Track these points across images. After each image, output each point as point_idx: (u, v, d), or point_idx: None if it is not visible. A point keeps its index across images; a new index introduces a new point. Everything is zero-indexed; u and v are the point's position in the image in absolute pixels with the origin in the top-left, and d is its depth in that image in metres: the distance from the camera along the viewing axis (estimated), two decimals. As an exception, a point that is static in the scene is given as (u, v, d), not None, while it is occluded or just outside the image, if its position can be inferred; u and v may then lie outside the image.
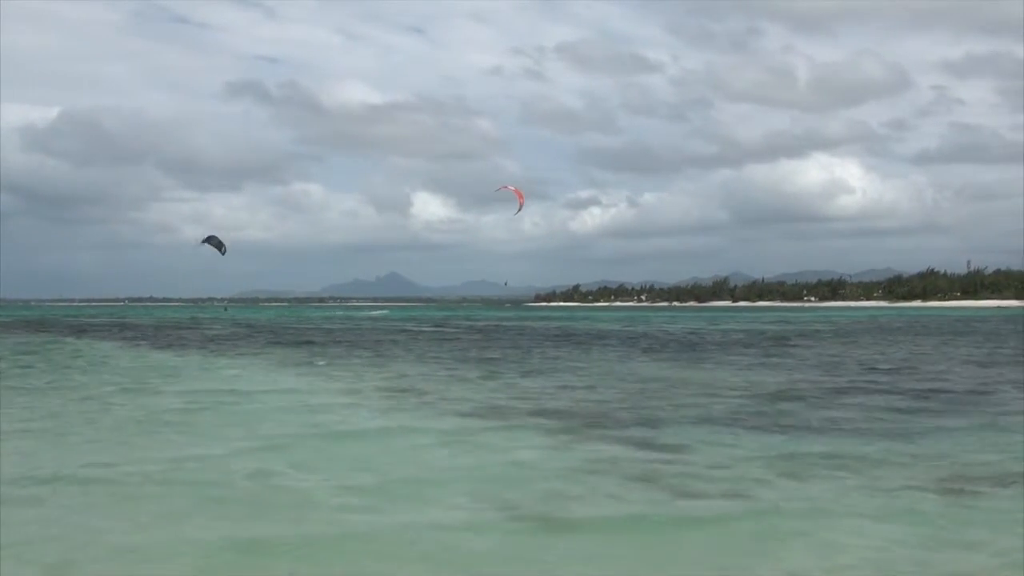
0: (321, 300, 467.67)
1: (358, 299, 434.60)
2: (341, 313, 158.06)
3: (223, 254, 38.62)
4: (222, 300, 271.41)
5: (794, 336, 61.87)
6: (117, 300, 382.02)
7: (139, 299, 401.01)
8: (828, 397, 23.13)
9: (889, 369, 32.26)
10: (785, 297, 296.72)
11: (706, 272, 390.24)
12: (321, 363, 34.46)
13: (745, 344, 51.26)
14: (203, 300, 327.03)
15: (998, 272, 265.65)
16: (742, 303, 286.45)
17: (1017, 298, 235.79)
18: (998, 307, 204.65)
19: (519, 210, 45.33)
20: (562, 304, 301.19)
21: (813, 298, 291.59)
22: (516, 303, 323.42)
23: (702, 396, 23.25)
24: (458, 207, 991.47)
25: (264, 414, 19.40)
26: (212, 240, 38.96)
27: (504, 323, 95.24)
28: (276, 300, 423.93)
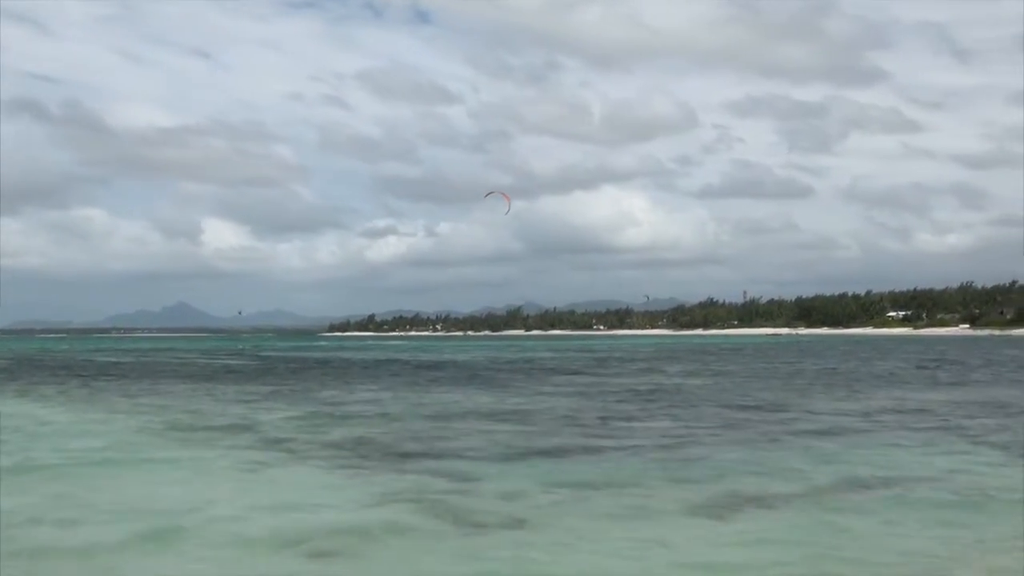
0: (104, 331, 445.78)
1: (143, 330, 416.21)
2: (125, 345, 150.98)
3: None
4: None
5: (584, 363, 63.78)
6: None
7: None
8: (615, 422, 23.77)
9: (669, 393, 33.58)
10: (576, 326, 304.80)
11: (500, 301, 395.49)
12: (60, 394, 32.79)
13: (535, 371, 52.32)
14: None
15: (771, 302, 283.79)
16: (535, 332, 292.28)
17: (788, 326, 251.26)
18: (772, 334, 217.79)
19: (508, 210, 51.16)
20: (357, 334, 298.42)
21: (602, 327, 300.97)
22: (310, 333, 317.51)
23: (489, 424, 23.45)
24: (252, 235, 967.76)
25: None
26: None
27: (294, 353, 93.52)
28: (54, 331, 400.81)
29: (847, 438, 20.37)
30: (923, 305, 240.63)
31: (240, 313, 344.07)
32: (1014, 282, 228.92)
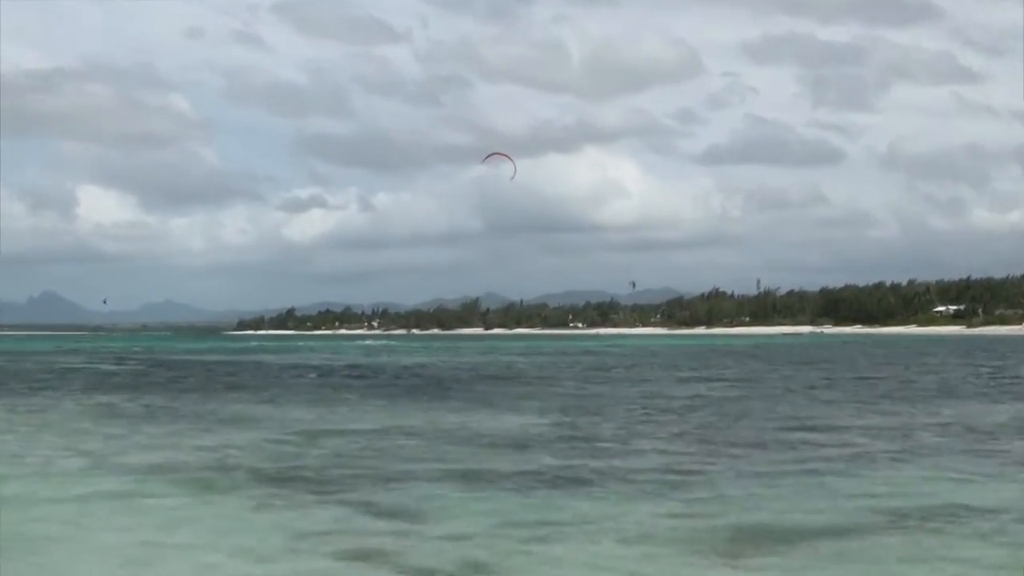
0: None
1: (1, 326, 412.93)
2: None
3: None
4: None
5: (557, 368, 63.91)
6: None
7: None
8: (584, 445, 23.90)
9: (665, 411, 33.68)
10: (548, 323, 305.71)
11: (453, 292, 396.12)
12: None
13: (494, 379, 52.50)
14: None
15: (791, 293, 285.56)
16: (496, 330, 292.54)
17: (812, 323, 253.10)
18: (792, 333, 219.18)
19: (514, 175, 54.52)
20: (273, 332, 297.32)
21: (580, 324, 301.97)
22: (214, 331, 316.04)
23: (439, 446, 23.68)
24: (140, 207, 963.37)
25: None
26: None
27: (196, 357, 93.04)
28: None
29: (887, 466, 20.53)
30: (978, 298, 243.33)
31: (105, 303, 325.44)
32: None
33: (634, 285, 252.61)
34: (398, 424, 29.03)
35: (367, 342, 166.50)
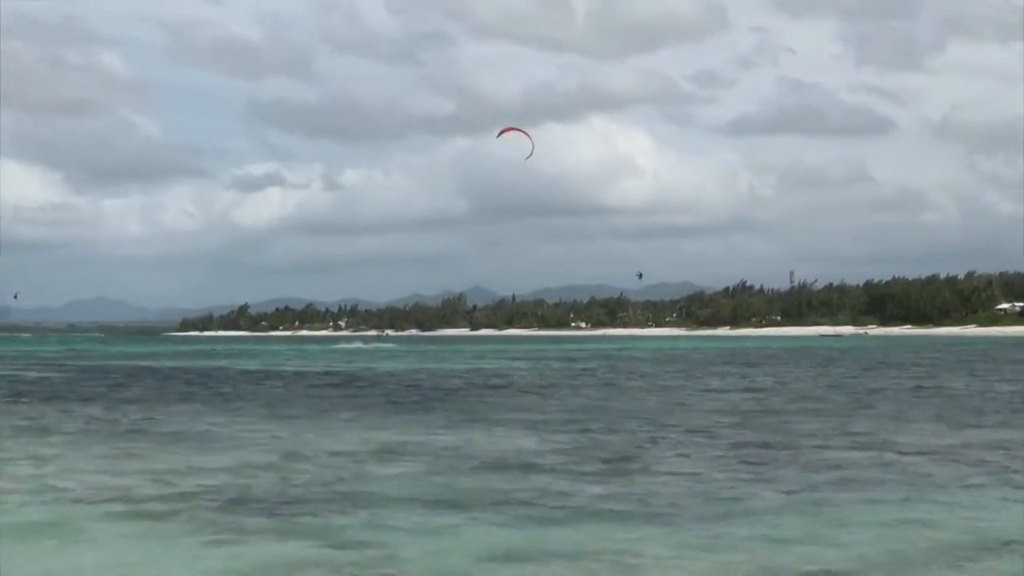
0: None
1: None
2: None
3: None
4: None
5: (558, 375, 64.01)
6: None
7: None
8: (596, 467, 23.95)
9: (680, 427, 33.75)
10: (546, 323, 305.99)
11: (434, 287, 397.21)
12: None
13: (486, 389, 52.75)
14: None
15: (830, 288, 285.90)
16: (485, 331, 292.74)
17: (854, 323, 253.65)
18: (831, 335, 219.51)
19: (531, 153, 55.74)
20: (223, 333, 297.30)
21: (584, 324, 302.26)
22: (154, 332, 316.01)
23: (422, 467, 23.89)
24: (66, 186, 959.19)
25: None
26: None
27: (135, 363, 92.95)
28: None
29: (955, 491, 20.52)
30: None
31: (16, 297, 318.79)
32: None
33: (641, 276, 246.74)
34: (375, 442, 29.11)
35: (340, 345, 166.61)
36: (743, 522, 17.30)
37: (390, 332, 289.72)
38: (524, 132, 54.62)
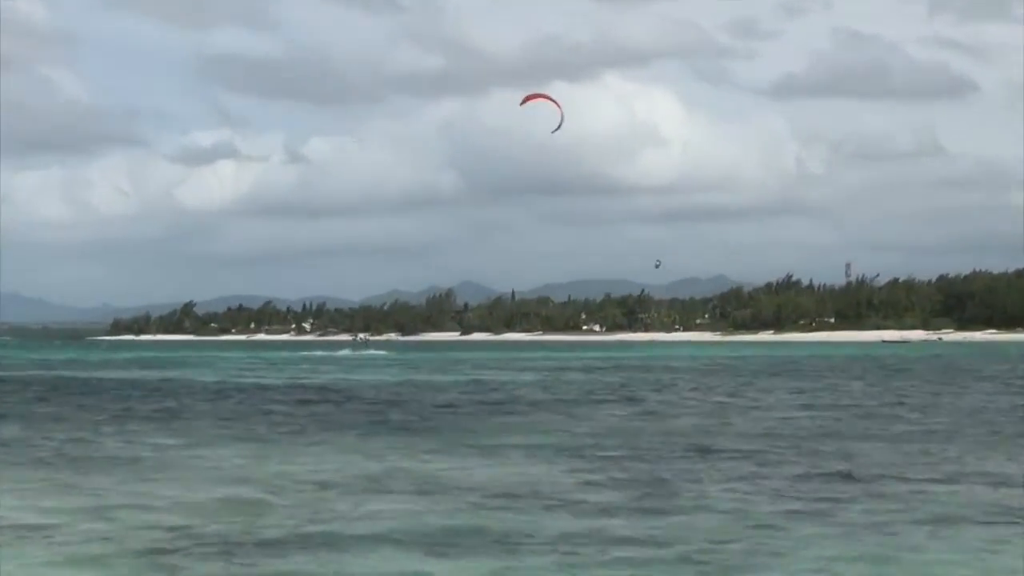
0: None
1: None
2: None
3: None
4: None
5: (570, 388, 64.21)
6: None
7: None
8: (606, 502, 23.97)
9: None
10: (551, 325, 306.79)
11: (418, 283, 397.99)
12: None
13: (484, 406, 53.26)
14: None
15: (895, 284, 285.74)
16: (478, 335, 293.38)
17: (925, 326, 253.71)
18: (897, 341, 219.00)
19: (559, 126, 56.71)
20: (164, 338, 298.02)
21: (597, 327, 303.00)
22: (79, 336, 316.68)
23: (408, 501, 24.00)
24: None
25: None
26: None
27: (58, 373, 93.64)
28: None
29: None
30: None
31: None
32: None
33: (659, 265, 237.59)
34: (353, 470, 29.26)
35: (316, 352, 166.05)
36: (800, 569, 17.32)
37: (364, 336, 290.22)
38: (552, 99, 54.73)
